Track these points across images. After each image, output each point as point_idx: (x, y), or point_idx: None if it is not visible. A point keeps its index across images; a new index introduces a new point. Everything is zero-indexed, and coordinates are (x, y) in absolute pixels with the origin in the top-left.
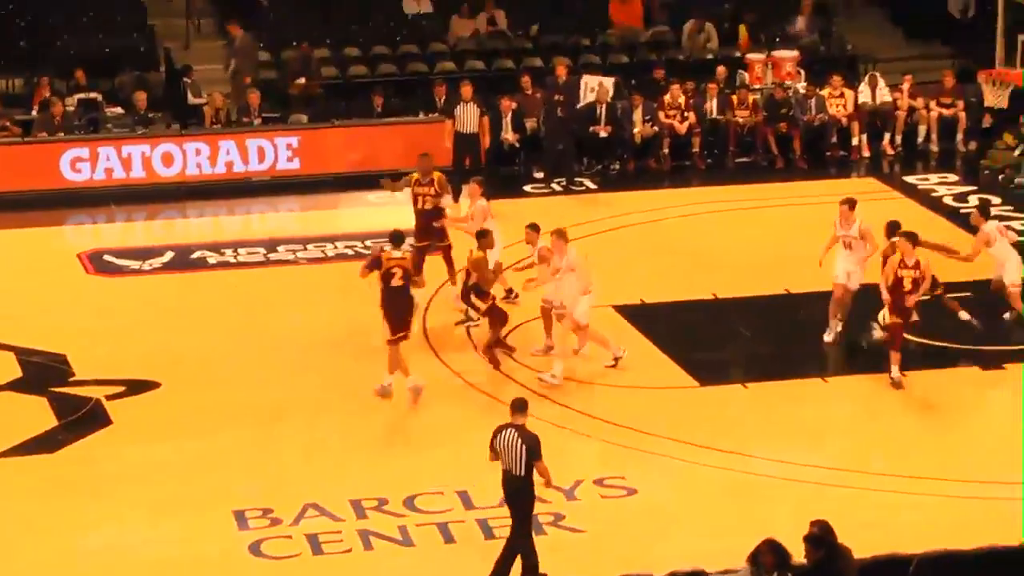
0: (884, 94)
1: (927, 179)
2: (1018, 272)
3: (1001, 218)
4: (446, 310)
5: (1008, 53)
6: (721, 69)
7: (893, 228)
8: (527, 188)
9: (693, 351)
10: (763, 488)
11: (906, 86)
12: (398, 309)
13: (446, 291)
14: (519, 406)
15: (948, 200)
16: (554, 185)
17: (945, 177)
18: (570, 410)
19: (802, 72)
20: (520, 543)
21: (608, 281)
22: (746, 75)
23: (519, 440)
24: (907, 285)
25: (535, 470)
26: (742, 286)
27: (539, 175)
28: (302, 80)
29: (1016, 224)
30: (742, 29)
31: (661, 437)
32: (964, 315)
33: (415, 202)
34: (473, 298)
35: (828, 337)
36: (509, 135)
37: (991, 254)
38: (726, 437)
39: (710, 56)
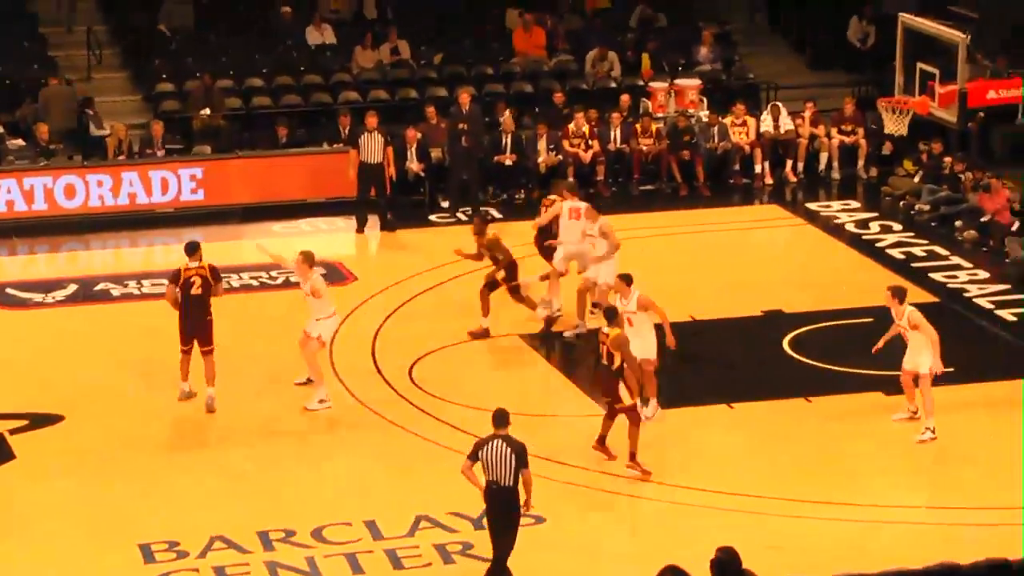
0: (786, 122)
1: (829, 206)
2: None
3: (902, 244)
4: (353, 338)
5: (907, 81)
6: (625, 98)
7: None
8: (432, 217)
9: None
10: (673, 514)
11: (807, 114)
12: (195, 318)
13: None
14: (502, 417)
15: (850, 227)
16: (460, 214)
17: (847, 204)
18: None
19: (705, 100)
20: (507, 554)
21: (515, 310)
22: (649, 103)
23: (508, 449)
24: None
25: (521, 478)
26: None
27: (444, 204)
28: (205, 111)
29: (917, 250)
30: (645, 58)
31: (571, 465)
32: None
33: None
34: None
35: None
36: (414, 165)
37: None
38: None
39: (613, 85)
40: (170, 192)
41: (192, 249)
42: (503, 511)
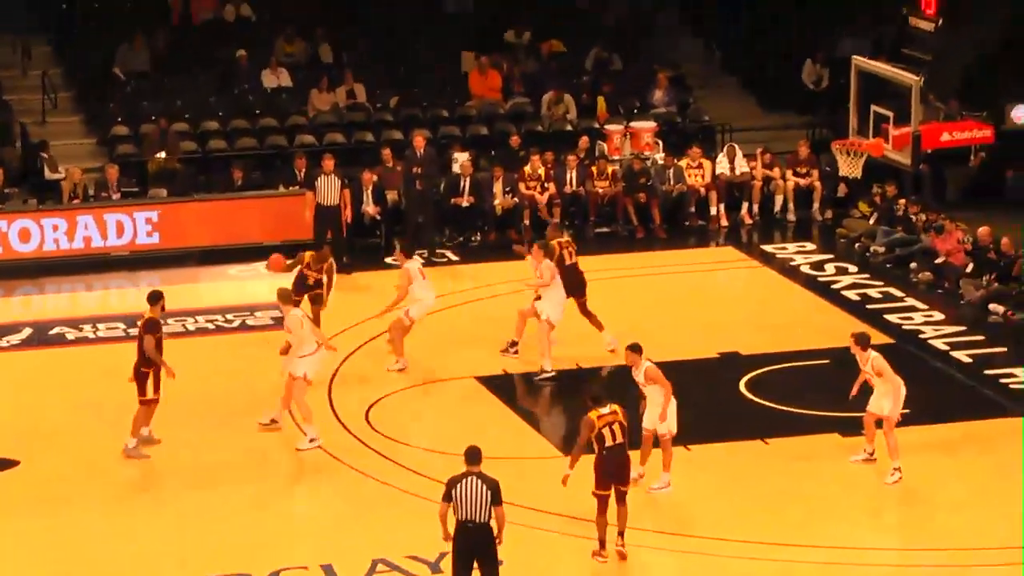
0: (742, 164)
1: (784, 248)
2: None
3: (857, 285)
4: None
5: (861, 123)
6: (584, 140)
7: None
8: (388, 260)
9: (557, 421)
10: (632, 556)
11: (762, 156)
12: (136, 369)
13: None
14: (475, 454)
15: (805, 268)
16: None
17: (802, 246)
18: (437, 482)
19: (660, 143)
20: None
21: (471, 352)
22: (605, 146)
23: (483, 485)
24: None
25: (494, 515)
26: (604, 356)
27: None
28: (161, 155)
29: (872, 292)
30: (600, 100)
31: (526, 508)
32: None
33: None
34: None
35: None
36: (370, 207)
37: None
38: (591, 507)
39: (569, 127)
40: (125, 235)
41: (154, 298)
42: (482, 548)
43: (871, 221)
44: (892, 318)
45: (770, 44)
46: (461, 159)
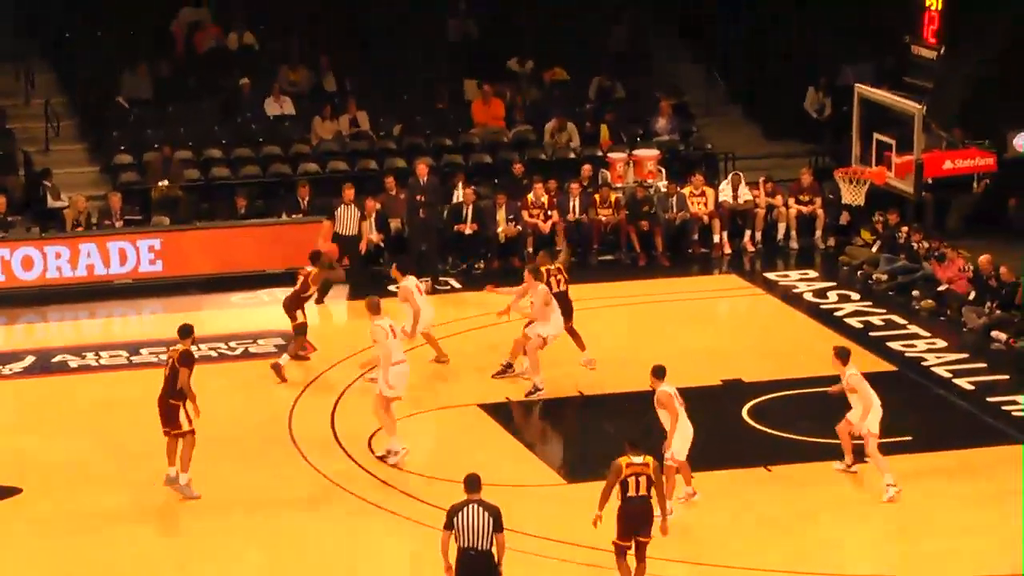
0: (745, 192)
1: (787, 275)
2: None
3: (859, 313)
4: (312, 409)
5: (864, 151)
6: (587, 168)
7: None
8: (392, 288)
9: (559, 448)
10: None
11: (765, 184)
12: (163, 402)
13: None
14: (474, 482)
15: (808, 296)
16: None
17: (805, 273)
18: (439, 508)
19: (663, 171)
20: None
21: (473, 379)
22: (608, 174)
23: (485, 513)
24: None
25: (495, 542)
26: (607, 383)
27: None
28: (164, 182)
29: (875, 319)
30: (603, 128)
31: (527, 535)
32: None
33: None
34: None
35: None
36: (373, 235)
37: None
38: (592, 534)
39: (572, 155)
40: (128, 263)
41: (181, 333)
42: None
43: (874, 249)
44: (895, 345)
45: (773, 72)
46: (463, 188)
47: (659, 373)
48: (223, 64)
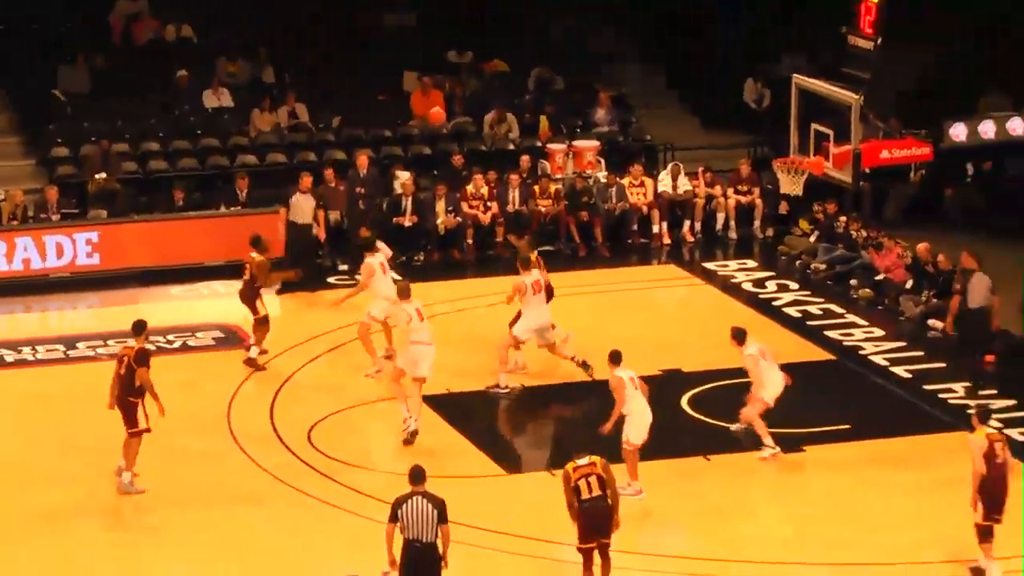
0: (684, 183)
1: (726, 265)
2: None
3: (798, 302)
4: (251, 403)
5: (802, 141)
6: (525, 159)
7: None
8: (332, 280)
9: (500, 440)
10: (570, 573)
11: (703, 174)
12: (122, 400)
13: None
14: (419, 474)
15: (747, 286)
16: (358, 276)
17: (744, 263)
18: (379, 501)
19: (602, 161)
20: None
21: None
22: (547, 165)
23: (429, 505)
24: None
25: (440, 533)
26: (548, 374)
27: (344, 267)
28: (101, 175)
29: (813, 308)
30: (543, 120)
31: (469, 526)
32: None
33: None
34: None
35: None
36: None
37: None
38: (533, 525)
39: (512, 147)
40: (65, 257)
41: (136, 329)
42: (428, 569)
43: (812, 238)
44: (833, 334)
45: (712, 63)
46: (402, 178)
47: (615, 358)
48: (161, 56)
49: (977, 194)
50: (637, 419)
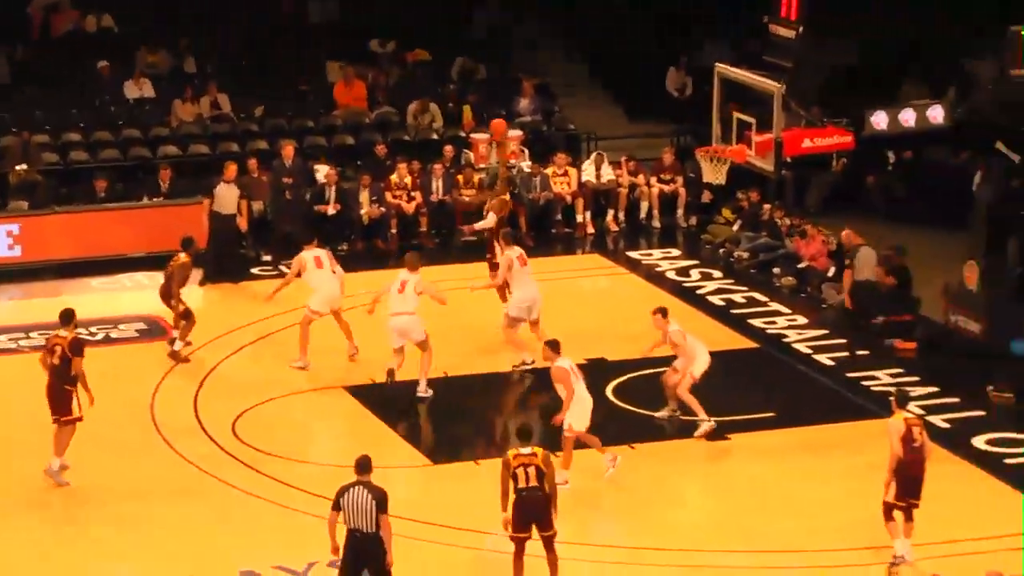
0: (607, 172)
1: (650, 254)
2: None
3: (722, 291)
4: (175, 394)
5: (724, 130)
6: (448, 148)
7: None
8: (255, 271)
9: (425, 430)
10: (500, 564)
11: (627, 163)
12: (56, 389)
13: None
14: (364, 464)
15: (671, 275)
16: (283, 267)
17: (668, 252)
18: (304, 492)
19: (526, 151)
20: None
21: (338, 361)
22: (471, 155)
23: (368, 495)
24: None
25: (380, 524)
26: (472, 364)
27: (267, 258)
28: (22, 167)
29: (737, 297)
30: (466, 109)
31: (395, 516)
32: None
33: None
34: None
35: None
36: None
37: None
38: (460, 515)
39: (435, 136)
40: None
41: (64, 318)
42: (370, 558)
43: (735, 227)
44: (756, 323)
45: (634, 52)
46: (324, 169)
47: (554, 347)
48: (81, 47)
49: (898, 182)
50: (578, 406)
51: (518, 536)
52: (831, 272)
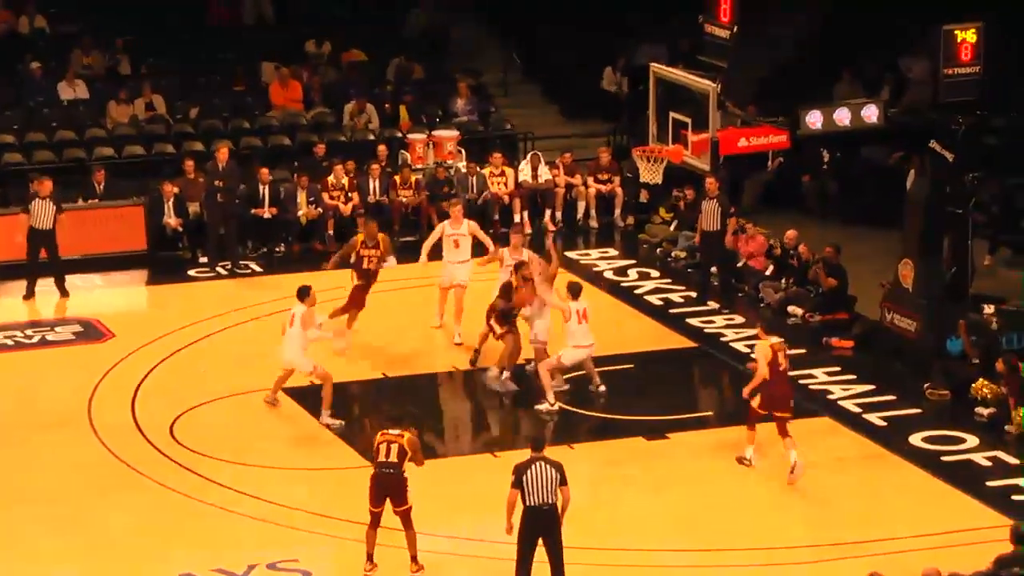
0: (544, 172)
1: (588, 254)
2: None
3: (659, 290)
4: (112, 396)
5: (660, 130)
6: (383, 149)
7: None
8: (192, 273)
9: (366, 431)
10: (438, 564)
11: (562, 163)
12: None
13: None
14: (539, 442)
15: (608, 274)
16: (219, 269)
17: (605, 251)
18: (243, 494)
19: (463, 151)
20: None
21: (274, 364)
22: (408, 155)
23: (552, 469)
24: None
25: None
26: (411, 364)
27: (203, 259)
28: None
29: (675, 296)
30: (402, 110)
31: (334, 518)
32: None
33: (361, 263)
34: (493, 321)
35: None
36: (172, 220)
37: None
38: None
39: (372, 137)
40: None
41: None
42: (547, 531)
43: (672, 227)
44: (694, 322)
45: (570, 52)
46: (260, 174)
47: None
48: (14, 48)
49: (832, 180)
50: (542, 322)
51: (375, 510)
52: (769, 271)
